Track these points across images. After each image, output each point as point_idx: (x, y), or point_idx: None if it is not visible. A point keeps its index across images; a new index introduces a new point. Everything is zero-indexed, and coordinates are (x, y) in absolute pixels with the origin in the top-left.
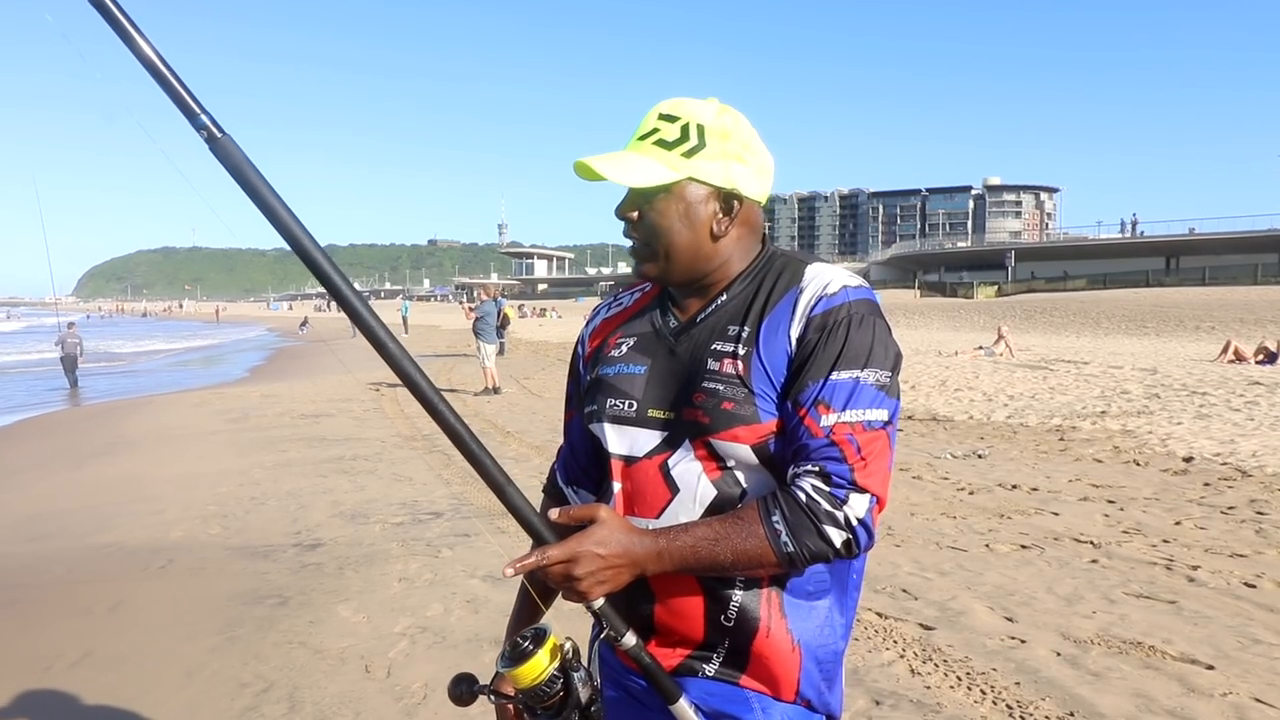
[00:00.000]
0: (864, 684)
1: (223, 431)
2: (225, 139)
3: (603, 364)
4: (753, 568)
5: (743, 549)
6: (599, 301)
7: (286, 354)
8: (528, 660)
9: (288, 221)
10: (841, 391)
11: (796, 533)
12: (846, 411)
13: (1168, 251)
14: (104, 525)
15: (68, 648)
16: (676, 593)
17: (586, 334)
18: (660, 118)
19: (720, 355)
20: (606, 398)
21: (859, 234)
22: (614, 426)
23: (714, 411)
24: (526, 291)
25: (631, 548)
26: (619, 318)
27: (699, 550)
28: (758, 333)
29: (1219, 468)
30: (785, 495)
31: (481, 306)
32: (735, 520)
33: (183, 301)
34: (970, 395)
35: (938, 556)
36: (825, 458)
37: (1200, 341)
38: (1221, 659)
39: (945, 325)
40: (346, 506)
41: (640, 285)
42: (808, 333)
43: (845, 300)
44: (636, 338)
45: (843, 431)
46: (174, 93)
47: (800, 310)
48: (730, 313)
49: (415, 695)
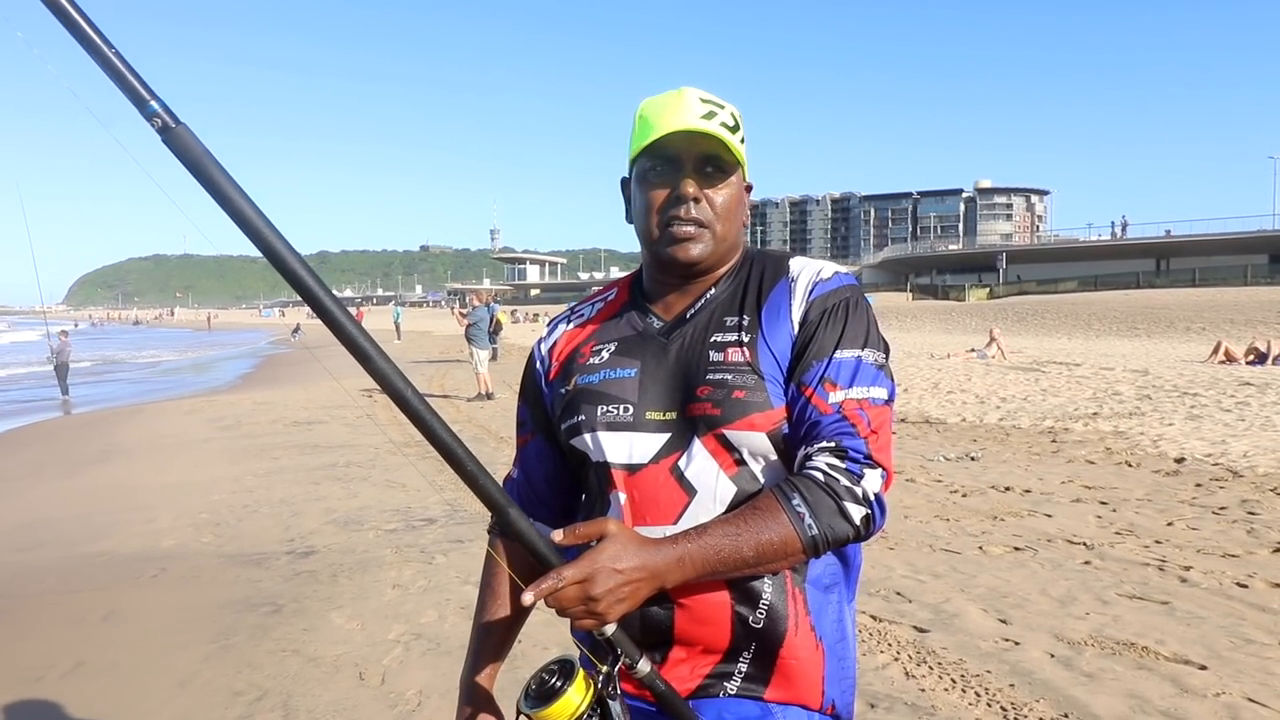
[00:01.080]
0: (858, 687)
1: (215, 439)
2: (181, 129)
3: (580, 373)
4: (777, 560)
5: (766, 540)
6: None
7: (279, 361)
8: (559, 699)
9: (253, 219)
10: (846, 369)
11: (819, 513)
12: (854, 388)
13: (1158, 253)
14: (96, 534)
15: (60, 657)
16: (701, 598)
17: (544, 350)
18: (705, 100)
19: (723, 346)
20: (596, 406)
21: (851, 237)
22: (610, 434)
23: (725, 402)
24: (519, 297)
25: (650, 560)
26: (584, 329)
27: (721, 550)
28: (759, 318)
29: (1210, 468)
30: (802, 478)
31: (474, 312)
32: (754, 511)
33: (174, 309)
34: (963, 398)
35: (931, 559)
36: (840, 433)
37: (1191, 343)
38: (1214, 659)
39: (937, 328)
40: (340, 513)
41: (603, 295)
42: (810, 314)
43: (841, 284)
44: (617, 342)
45: (852, 406)
46: (119, 77)
47: (800, 293)
48: (722, 306)
49: (409, 702)
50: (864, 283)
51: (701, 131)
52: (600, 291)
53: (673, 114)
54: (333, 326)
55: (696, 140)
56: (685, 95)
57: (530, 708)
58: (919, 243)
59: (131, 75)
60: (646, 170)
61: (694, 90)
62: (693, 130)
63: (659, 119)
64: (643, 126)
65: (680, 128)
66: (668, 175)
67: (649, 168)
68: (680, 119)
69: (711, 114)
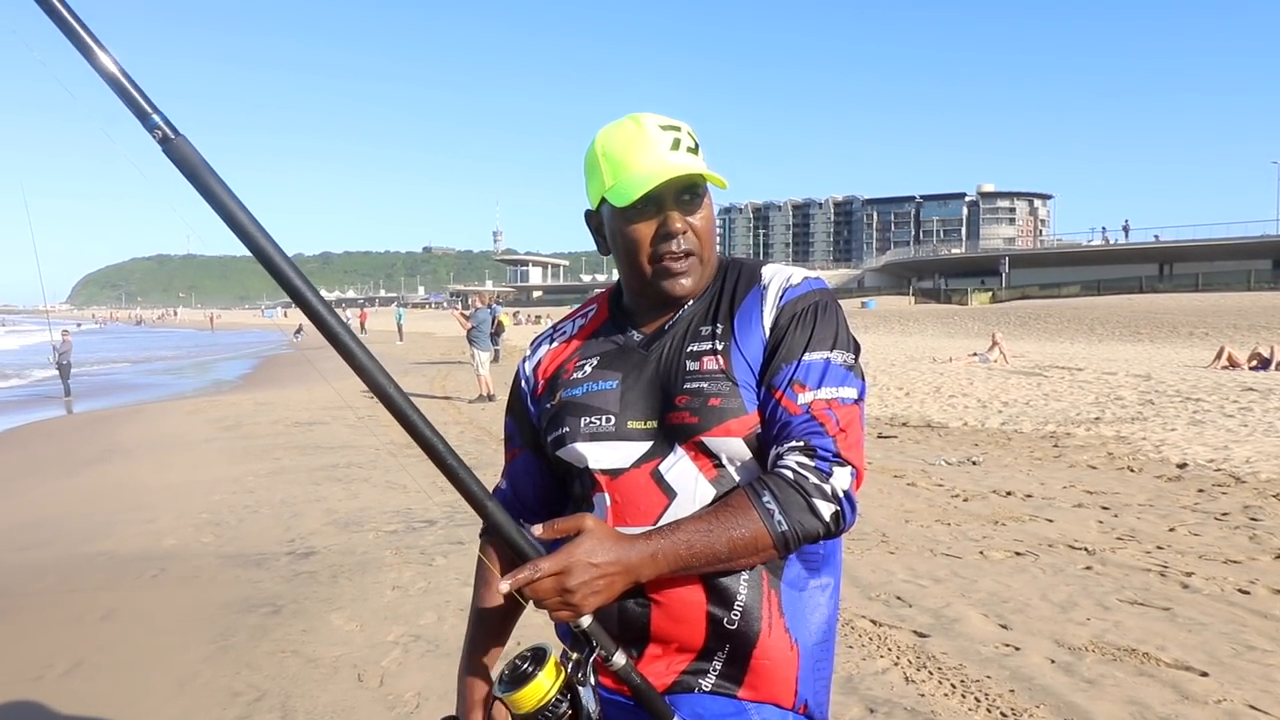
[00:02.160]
0: (858, 692)
1: (216, 439)
2: (180, 140)
3: (565, 388)
4: (748, 556)
5: (737, 536)
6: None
7: (280, 361)
8: (529, 683)
9: (249, 227)
10: (815, 371)
11: (789, 510)
12: (822, 389)
13: (1161, 258)
14: (97, 533)
15: (59, 657)
16: (677, 596)
17: (529, 369)
18: (665, 128)
19: (698, 355)
20: (579, 418)
21: (853, 241)
22: (593, 444)
23: (702, 410)
24: (521, 299)
25: (624, 554)
26: (568, 346)
27: (694, 545)
28: (732, 326)
29: (1213, 474)
30: (772, 476)
31: (476, 314)
32: (726, 509)
33: (176, 309)
34: (964, 402)
35: (932, 564)
36: (808, 432)
37: (1194, 347)
38: (1215, 666)
39: (940, 332)
40: (340, 514)
41: (583, 312)
42: (780, 319)
43: (810, 289)
44: (599, 356)
45: (820, 407)
46: (123, 92)
47: (770, 299)
48: (696, 316)
49: (408, 704)
50: (866, 286)
51: (686, 173)
52: (580, 309)
53: (644, 153)
54: (324, 330)
55: (679, 178)
56: (646, 129)
57: (503, 691)
58: (921, 246)
59: (136, 91)
60: (627, 209)
61: (650, 118)
62: (680, 175)
63: (631, 160)
64: (613, 168)
65: (666, 177)
66: (649, 211)
67: (629, 209)
68: (657, 161)
69: (677, 142)
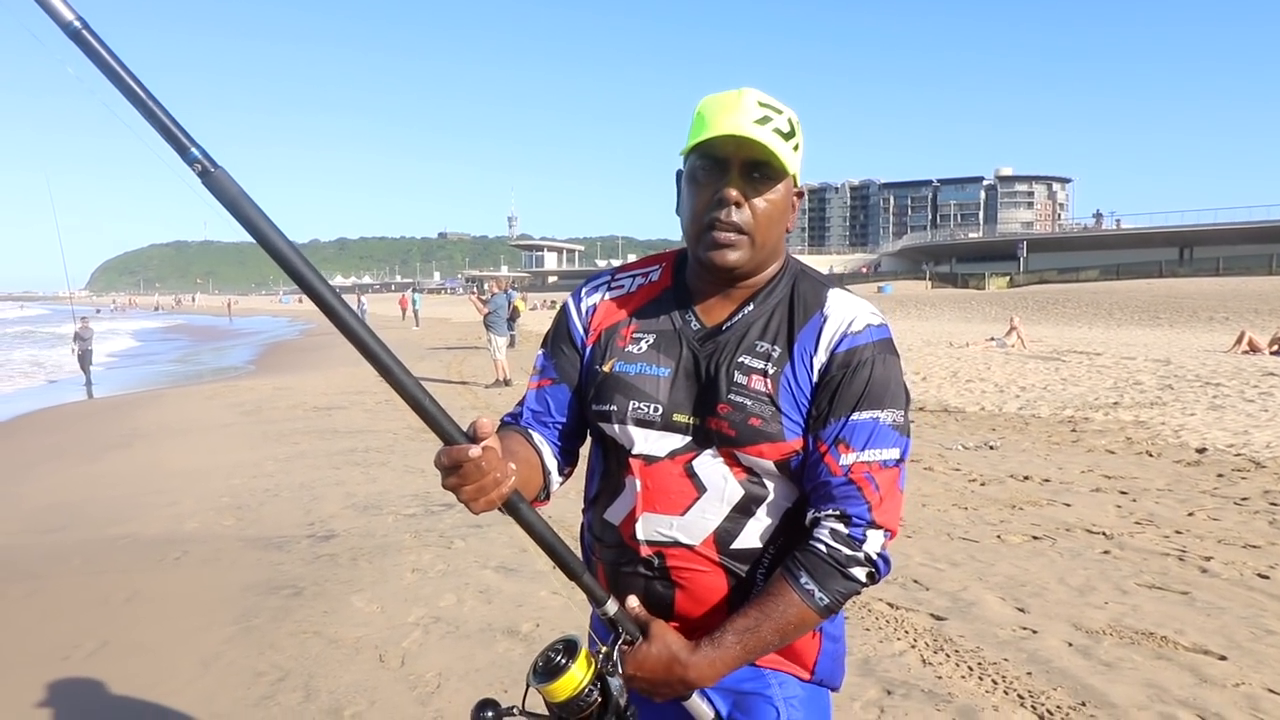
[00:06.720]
0: (875, 674)
1: (236, 424)
2: (219, 172)
3: (620, 359)
4: (800, 633)
5: (785, 621)
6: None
7: (298, 346)
8: (564, 674)
9: (285, 252)
10: (862, 432)
11: (826, 585)
12: (866, 451)
13: (1181, 242)
14: (119, 517)
15: (85, 637)
16: (701, 583)
17: (582, 309)
18: (763, 104)
19: (749, 370)
20: (629, 400)
21: (870, 225)
22: (637, 429)
23: (740, 425)
24: (536, 284)
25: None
26: (626, 303)
27: (745, 643)
28: (790, 353)
29: (1232, 459)
30: (806, 554)
31: (493, 300)
32: (768, 599)
33: (194, 295)
34: (982, 386)
35: (949, 547)
36: (845, 497)
37: (1214, 332)
38: (1234, 649)
39: (957, 316)
40: (359, 498)
41: (642, 270)
42: (831, 368)
43: (869, 340)
44: (656, 335)
45: (861, 470)
46: (163, 128)
47: (825, 341)
48: (757, 326)
49: (429, 684)
50: (882, 271)
51: (749, 139)
52: (641, 264)
53: (726, 115)
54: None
55: (745, 145)
56: (743, 97)
57: (539, 683)
58: (939, 231)
59: (176, 128)
60: (695, 169)
61: (753, 92)
62: (741, 136)
63: (713, 119)
64: (698, 124)
65: (729, 132)
66: (714, 176)
67: (698, 166)
68: (732, 122)
69: (766, 119)
